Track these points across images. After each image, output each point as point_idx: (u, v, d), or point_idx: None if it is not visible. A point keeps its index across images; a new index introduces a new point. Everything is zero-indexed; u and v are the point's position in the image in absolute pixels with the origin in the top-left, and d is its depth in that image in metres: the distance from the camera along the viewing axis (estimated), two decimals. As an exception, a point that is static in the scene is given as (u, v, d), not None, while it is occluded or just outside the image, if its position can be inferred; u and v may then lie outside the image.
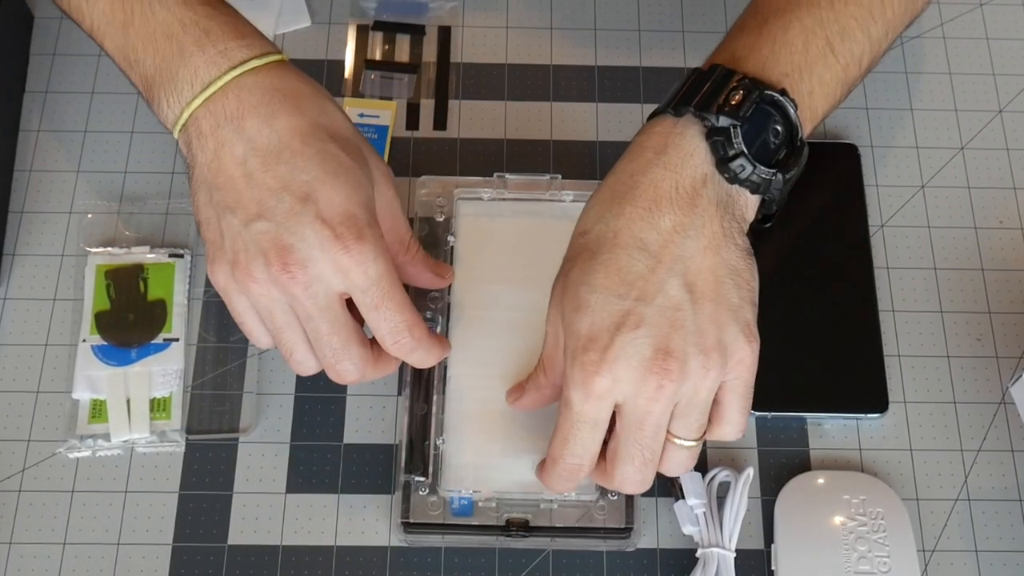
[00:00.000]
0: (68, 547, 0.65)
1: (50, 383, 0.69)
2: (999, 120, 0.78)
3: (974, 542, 0.65)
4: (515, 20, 0.81)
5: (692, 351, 0.54)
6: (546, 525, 0.63)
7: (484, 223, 0.70)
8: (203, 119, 0.56)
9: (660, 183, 0.55)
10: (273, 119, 0.56)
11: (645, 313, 0.54)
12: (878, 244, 0.73)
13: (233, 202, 0.55)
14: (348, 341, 0.57)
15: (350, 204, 0.55)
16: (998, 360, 0.70)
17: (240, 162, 0.55)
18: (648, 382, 0.54)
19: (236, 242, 0.55)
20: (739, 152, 0.55)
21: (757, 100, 0.56)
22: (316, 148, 0.56)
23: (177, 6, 0.57)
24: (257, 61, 0.57)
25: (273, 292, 0.56)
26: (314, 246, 0.54)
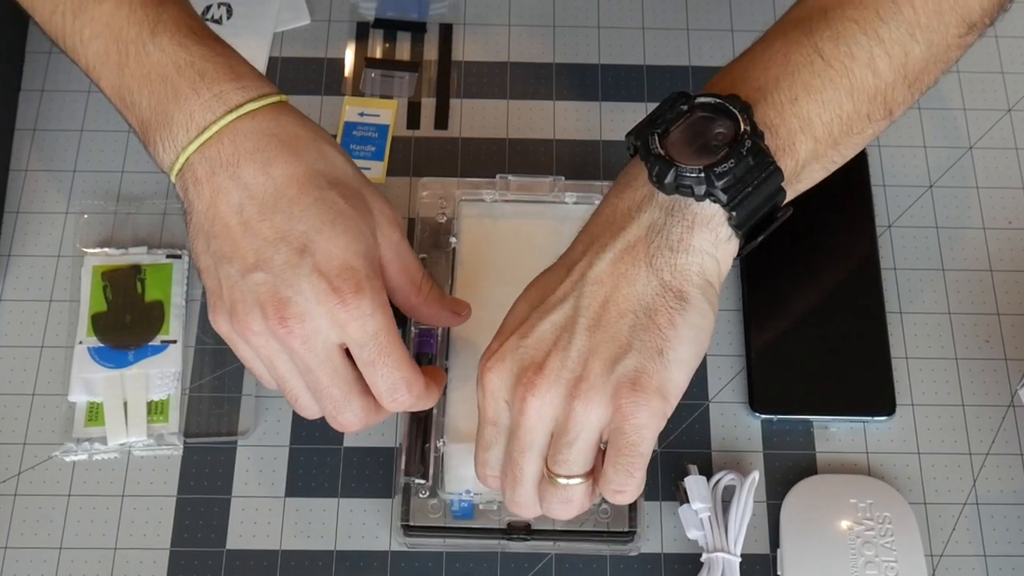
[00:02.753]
0: (64, 552, 0.65)
1: (46, 385, 0.69)
2: (1008, 119, 0.77)
3: (983, 547, 0.65)
4: (517, 18, 0.80)
5: (565, 376, 0.52)
6: (548, 528, 0.63)
7: (486, 225, 0.70)
8: (199, 165, 0.55)
9: (604, 209, 0.54)
10: (269, 166, 0.54)
11: (537, 324, 0.53)
12: (885, 245, 0.73)
13: (230, 252, 0.54)
14: (349, 392, 0.56)
15: (348, 255, 0.54)
16: (1007, 362, 0.70)
17: (236, 210, 0.54)
18: (517, 392, 0.52)
19: (234, 292, 0.54)
20: (658, 155, 0.52)
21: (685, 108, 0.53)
22: (314, 196, 0.54)
23: (172, 47, 0.56)
24: (253, 104, 0.55)
25: (272, 344, 0.55)
26: (311, 299, 0.53)
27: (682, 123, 0.53)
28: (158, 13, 0.57)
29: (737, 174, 0.51)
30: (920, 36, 0.56)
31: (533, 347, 0.52)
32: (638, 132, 0.54)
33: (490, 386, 0.53)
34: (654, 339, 0.51)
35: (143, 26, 0.57)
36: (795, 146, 0.54)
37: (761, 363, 0.69)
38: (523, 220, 0.70)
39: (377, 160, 0.76)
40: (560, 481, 0.53)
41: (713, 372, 0.69)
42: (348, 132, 0.76)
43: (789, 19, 0.57)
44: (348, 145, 0.76)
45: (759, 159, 0.52)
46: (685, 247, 0.52)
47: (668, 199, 0.52)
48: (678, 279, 0.52)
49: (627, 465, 0.52)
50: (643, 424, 0.51)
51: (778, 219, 0.54)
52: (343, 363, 0.56)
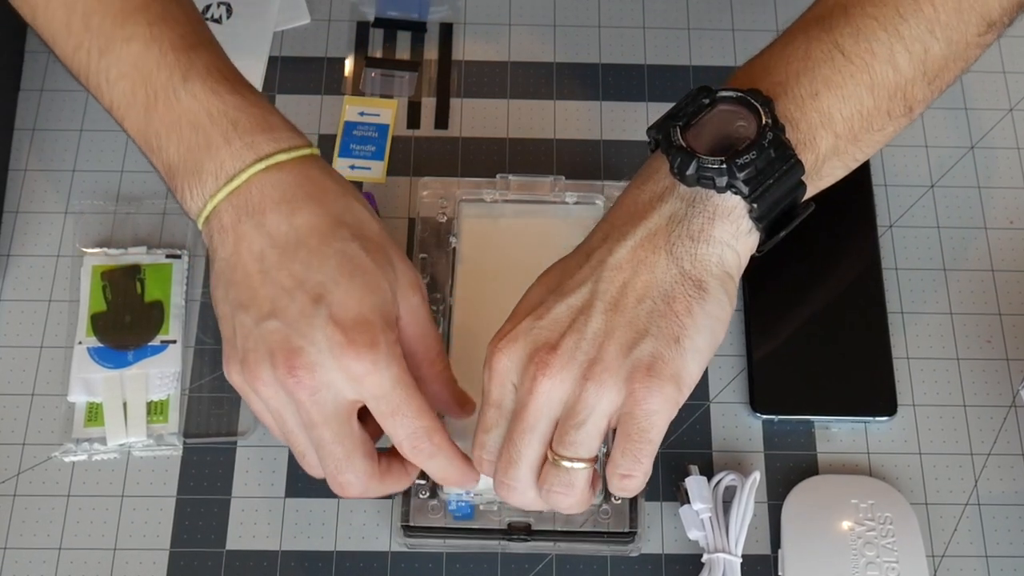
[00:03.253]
0: (64, 552, 0.65)
1: (45, 386, 0.68)
2: (1010, 119, 0.77)
3: (984, 547, 0.65)
4: (517, 17, 0.80)
5: (580, 358, 0.52)
6: (548, 529, 0.63)
7: (487, 225, 0.70)
8: (225, 213, 0.55)
9: (624, 200, 0.54)
10: (293, 216, 0.54)
11: (553, 306, 0.53)
12: (887, 245, 0.73)
13: (247, 300, 0.54)
14: (352, 452, 0.55)
15: (364, 308, 0.53)
16: (1008, 362, 0.70)
17: (258, 258, 0.54)
18: (528, 371, 0.52)
19: (247, 340, 0.54)
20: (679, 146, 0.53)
21: (702, 100, 0.54)
22: (335, 248, 0.54)
23: (205, 94, 0.56)
24: (284, 155, 0.55)
25: (281, 395, 0.54)
26: (324, 351, 0.52)
27: (704, 116, 0.53)
28: (190, 58, 0.56)
29: (759, 166, 0.51)
30: (940, 33, 0.56)
31: (548, 328, 0.52)
32: (659, 126, 0.54)
33: (499, 366, 0.53)
34: (671, 326, 0.51)
35: (174, 71, 0.56)
36: (815, 141, 0.54)
37: (762, 363, 0.69)
38: (523, 220, 0.70)
39: (377, 160, 0.75)
40: (564, 464, 0.53)
41: (714, 372, 0.69)
42: (348, 132, 0.76)
43: (809, 16, 0.57)
44: (348, 145, 0.76)
45: (780, 152, 0.52)
46: (706, 238, 0.52)
47: (689, 191, 0.53)
48: (698, 268, 0.52)
49: (636, 451, 0.52)
50: (655, 410, 0.51)
51: (799, 216, 0.54)
52: (349, 421, 0.55)
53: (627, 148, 0.76)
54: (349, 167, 0.75)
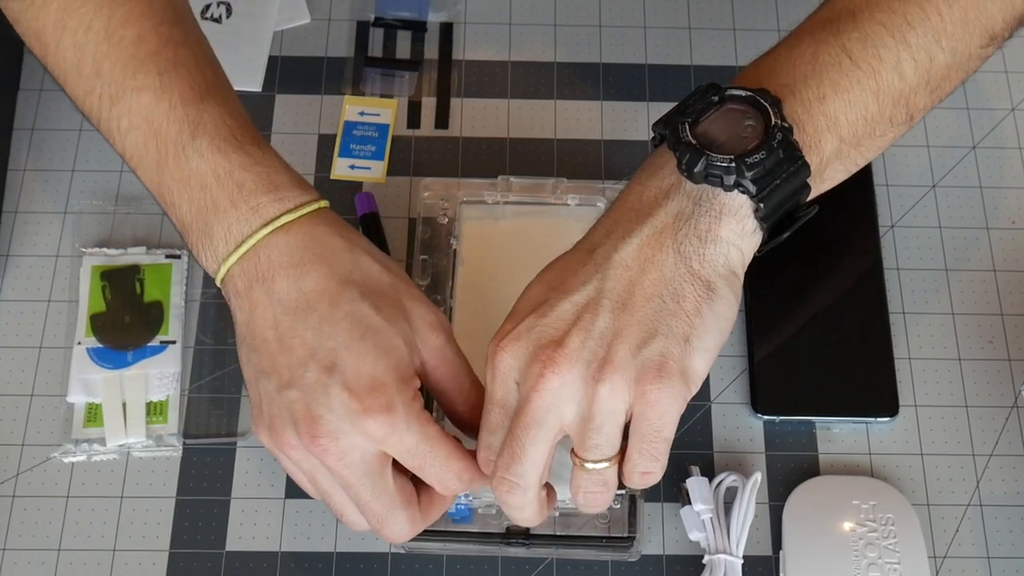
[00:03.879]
0: (63, 553, 0.64)
1: (44, 386, 0.68)
2: (1012, 118, 0.77)
3: (986, 548, 0.65)
4: (518, 17, 0.80)
5: (587, 356, 0.51)
6: (547, 533, 0.63)
7: (488, 226, 0.70)
8: (238, 278, 0.55)
9: (628, 196, 0.54)
10: (302, 280, 0.54)
11: (556, 304, 0.52)
12: (888, 245, 0.73)
13: (268, 367, 0.54)
14: (390, 505, 0.55)
15: (377, 371, 0.53)
16: (1010, 363, 0.70)
17: (272, 325, 0.54)
18: (533, 368, 0.52)
19: (272, 407, 0.54)
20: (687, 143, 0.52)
21: (709, 98, 0.54)
22: (344, 311, 0.54)
23: (211, 153, 0.55)
24: (289, 216, 0.55)
25: (311, 459, 0.55)
26: (343, 418, 0.53)
27: (712, 114, 0.53)
28: (199, 113, 0.56)
29: (767, 166, 0.51)
30: (945, 43, 0.56)
31: (552, 326, 0.52)
32: (667, 121, 0.54)
33: (502, 365, 0.53)
34: (681, 325, 0.51)
35: (183, 126, 0.56)
36: (821, 143, 0.54)
37: (763, 364, 0.68)
38: (524, 221, 0.70)
39: (377, 160, 0.75)
40: (591, 467, 0.53)
41: (715, 373, 0.69)
42: (348, 131, 0.76)
43: (816, 19, 0.57)
44: (348, 145, 0.76)
45: (788, 152, 0.52)
46: (713, 237, 0.52)
47: (696, 188, 0.52)
48: (706, 268, 0.52)
49: (653, 450, 0.52)
50: (667, 410, 0.51)
51: (802, 217, 0.54)
52: (383, 476, 0.55)
53: (628, 148, 0.76)
54: (349, 167, 0.75)
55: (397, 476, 0.55)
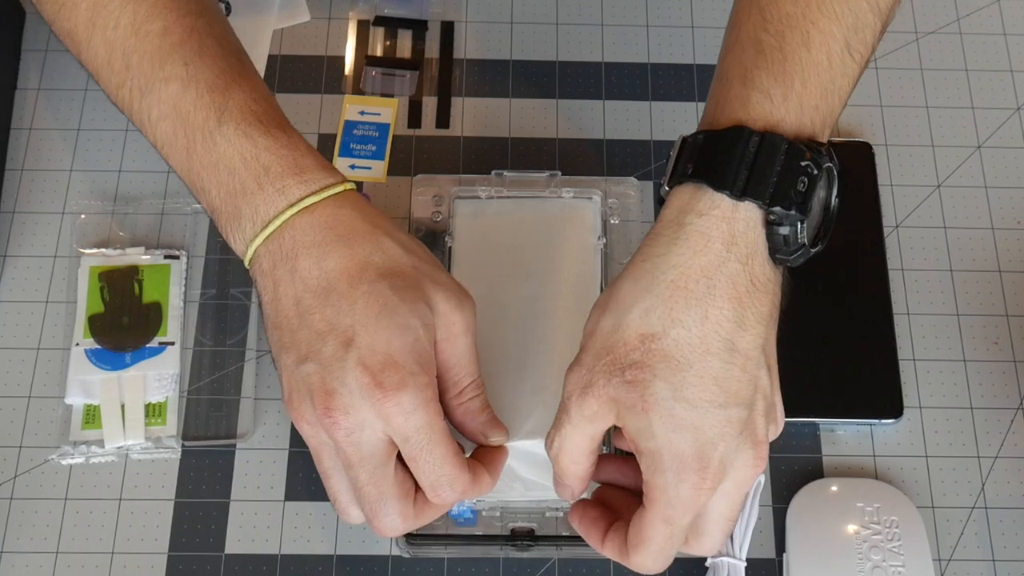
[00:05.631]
0: (61, 556, 0.64)
1: (42, 388, 0.68)
2: (1017, 117, 0.77)
3: (991, 551, 0.65)
4: (519, 15, 0.80)
5: (771, 428, 0.55)
6: (552, 534, 0.62)
7: (482, 222, 0.69)
8: (264, 258, 0.56)
9: (737, 279, 0.52)
10: (324, 260, 0.55)
11: (745, 417, 0.53)
12: (893, 245, 0.72)
13: (289, 342, 0.55)
14: (385, 494, 0.55)
15: (392, 349, 0.54)
16: (1016, 364, 0.70)
17: (294, 303, 0.55)
18: (754, 473, 0.54)
19: (292, 381, 0.55)
20: (802, 245, 0.53)
21: (818, 180, 0.53)
22: (362, 290, 0.55)
23: (238, 138, 0.56)
24: (314, 197, 0.56)
25: (321, 434, 0.55)
26: (355, 393, 0.53)
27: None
28: (225, 99, 0.57)
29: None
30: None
31: (753, 432, 0.54)
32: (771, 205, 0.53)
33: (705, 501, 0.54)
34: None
35: (210, 113, 0.57)
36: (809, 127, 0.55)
37: (767, 365, 0.68)
38: (519, 215, 0.69)
39: (378, 159, 0.75)
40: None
41: (718, 374, 0.69)
42: (348, 131, 0.76)
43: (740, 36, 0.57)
44: (348, 144, 0.75)
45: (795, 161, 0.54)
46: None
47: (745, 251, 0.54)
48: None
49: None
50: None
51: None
52: (386, 463, 0.55)
53: (630, 147, 0.75)
54: (349, 167, 0.75)
55: (399, 469, 0.56)
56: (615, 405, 0.53)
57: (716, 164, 0.53)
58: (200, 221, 0.72)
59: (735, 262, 0.52)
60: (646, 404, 0.52)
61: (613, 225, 0.69)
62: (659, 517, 0.53)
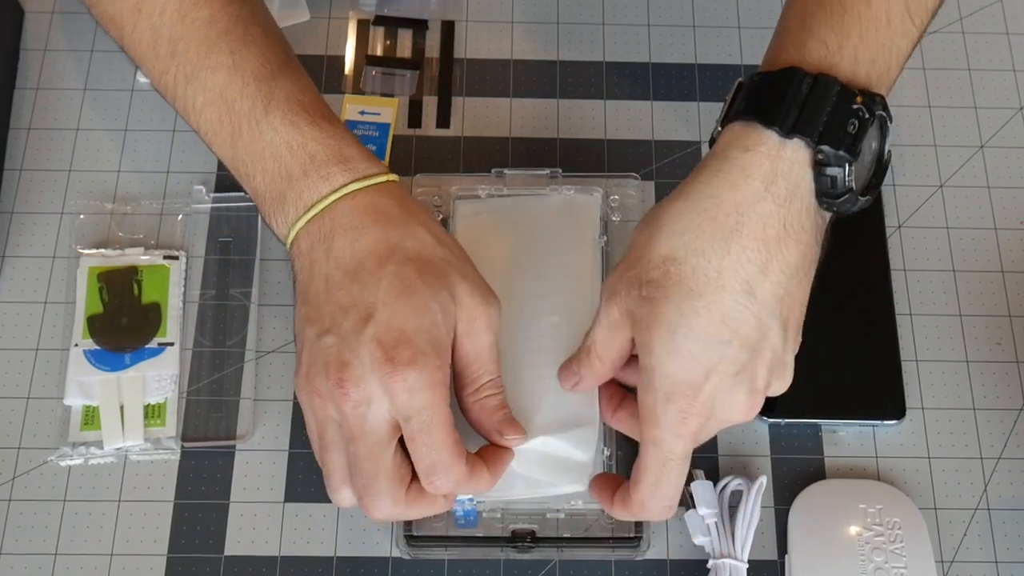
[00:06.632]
0: (60, 557, 0.64)
1: (41, 389, 0.68)
2: (1020, 117, 0.77)
3: (994, 552, 0.65)
4: (520, 15, 0.80)
5: (775, 383, 0.56)
6: (553, 535, 0.62)
7: (482, 221, 0.69)
8: (303, 240, 0.58)
9: (769, 221, 0.53)
10: (357, 241, 0.57)
11: (745, 360, 0.54)
12: (895, 245, 0.72)
13: (313, 316, 0.57)
14: (380, 474, 0.56)
15: (409, 329, 0.55)
16: (1019, 365, 0.69)
17: (324, 279, 0.57)
18: (741, 418, 0.56)
19: (311, 353, 0.56)
20: (849, 189, 0.54)
21: (869, 124, 0.54)
22: (389, 270, 0.56)
23: (285, 127, 0.58)
24: (357, 184, 0.58)
25: (328, 408, 0.56)
26: (367, 366, 0.54)
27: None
28: (271, 88, 0.59)
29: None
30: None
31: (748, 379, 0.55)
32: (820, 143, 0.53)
33: (693, 428, 0.55)
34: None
35: (256, 101, 0.58)
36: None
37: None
38: (520, 214, 0.69)
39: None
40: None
41: (720, 375, 0.68)
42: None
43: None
44: (348, 144, 0.75)
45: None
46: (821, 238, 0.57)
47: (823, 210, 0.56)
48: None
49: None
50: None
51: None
52: (387, 444, 0.55)
53: (632, 147, 0.75)
54: (349, 167, 0.74)
55: (399, 453, 0.56)
56: (630, 318, 0.55)
57: (767, 102, 0.54)
58: (199, 221, 0.72)
59: (771, 203, 0.53)
60: (650, 322, 0.53)
61: (614, 223, 0.69)
62: (649, 439, 0.55)
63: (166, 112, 0.75)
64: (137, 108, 0.75)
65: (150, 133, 0.75)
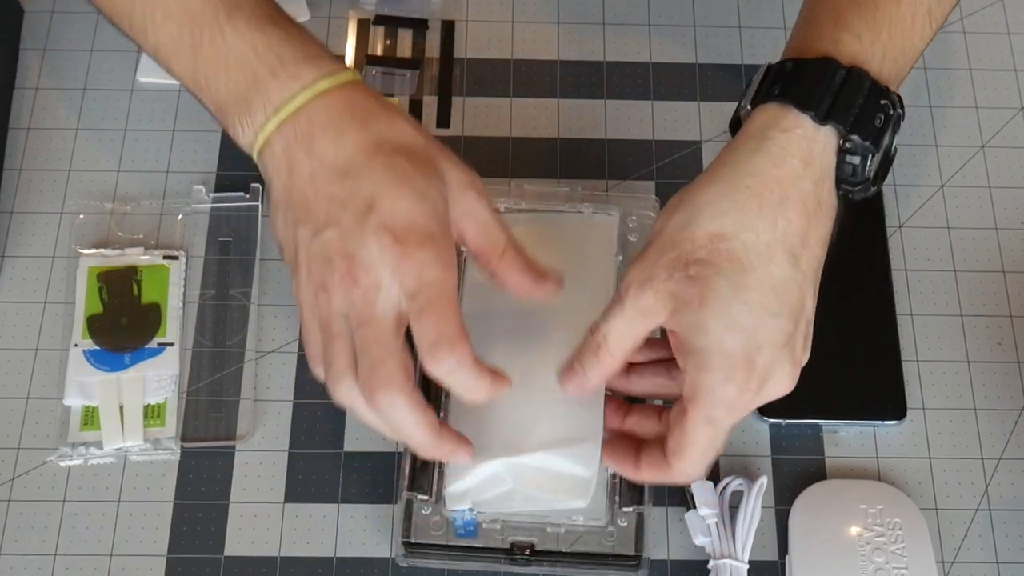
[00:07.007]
0: (59, 558, 0.64)
1: (41, 389, 0.68)
2: (1020, 117, 0.77)
3: (995, 553, 0.64)
4: (521, 14, 0.80)
5: (805, 356, 0.57)
6: (552, 550, 0.62)
7: None
8: (276, 142, 0.57)
9: (807, 197, 0.55)
10: (340, 137, 0.57)
11: (791, 331, 0.55)
12: (896, 245, 0.72)
13: (304, 216, 0.56)
14: (386, 356, 0.55)
15: (413, 213, 0.55)
16: (1019, 365, 0.69)
17: (310, 179, 0.56)
18: (783, 390, 0.56)
19: (309, 253, 0.56)
20: (867, 178, 0.56)
21: (892, 120, 0.57)
22: (380, 161, 0.56)
23: (249, 31, 0.58)
24: (327, 82, 0.57)
25: (335, 300, 0.56)
26: (376, 254, 0.55)
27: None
28: None
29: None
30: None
31: (793, 351, 0.56)
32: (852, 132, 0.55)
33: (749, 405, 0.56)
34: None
35: (219, 9, 0.58)
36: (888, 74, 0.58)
37: (769, 366, 0.68)
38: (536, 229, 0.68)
39: (378, 159, 0.74)
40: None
41: (720, 375, 0.68)
42: (348, 130, 0.75)
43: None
44: (348, 144, 0.75)
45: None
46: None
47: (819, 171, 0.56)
48: None
49: None
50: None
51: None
52: (395, 333, 0.56)
53: (632, 147, 0.75)
54: (349, 166, 0.74)
55: (406, 346, 0.56)
56: (672, 300, 0.55)
57: (804, 88, 0.56)
58: (199, 221, 0.72)
59: (808, 181, 0.55)
60: (704, 299, 0.53)
61: (631, 243, 0.69)
62: (702, 418, 0.55)
63: (166, 112, 0.75)
64: (137, 108, 0.75)
65: (150, 133, 0.75)
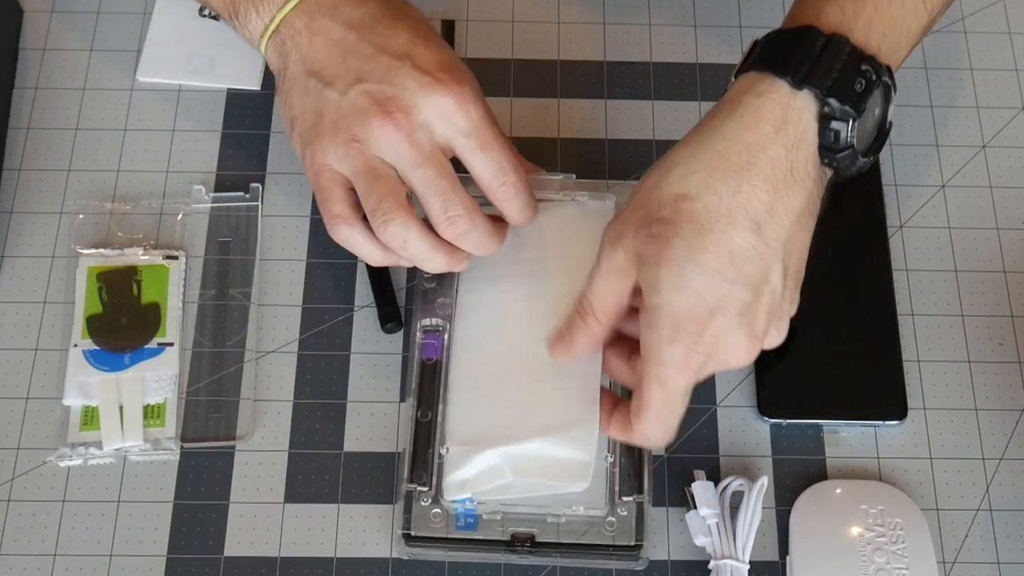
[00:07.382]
0: (59, 558, 0.64)
1: (40, 389, 0.68)
2: (1022, 117, 0.77)
3: (996, 553, 0.64)
4: (521, 14, 0.79)
5: (772, 331, 0.57)
6: (553, 541, 0.62)
7: None
8: (297, 19, 0.61)
9: (777, 163, 0.55)
10: (364, 4, 0.61)
11: (749, 301, 0.54)
12: (897, 245, 0.72)
13: (332, 76, 0.59)
14: (456, 184, 0.59)
15: (445, 57, 0.59)
16: (1021, 365, 0.69)
17: (337, 42, 0.60)
18: (738, 362, 0.56)
19: (338, 111, 0.59)
20: (850, 146, 0.56)
21: (875, 87, 0.56)
22: (405, 22, 0.61)
23: None
24: None
25: (371, 148, 0.58)
26: (415, 92, 0.58)
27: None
28: None
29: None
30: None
31: (750, 321, 0.55)
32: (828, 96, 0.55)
33: (695, 365, 0.55)
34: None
35: None
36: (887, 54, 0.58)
37: (770, 367, 0.68)
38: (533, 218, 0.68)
39: (378, 159, 0.74)
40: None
41: (721, 376, 0.68)
42: (348, 130, 0.75)
43: None
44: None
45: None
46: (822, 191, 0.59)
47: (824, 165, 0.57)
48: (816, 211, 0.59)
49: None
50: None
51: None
52: (446, 162, 0.59)
53: (632, 147, 0.75)
54: (349, 166, 0.74)
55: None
56: (638, 260, 0.55)
57: (781, 54, 0.56)
58: (199, 221, 0.72)
59: (779, 146, 0.55)
60: (661, 258, 0.54)
61: None
62: (653, 377, 0.55)
63: (166, 112, 0.75)
64: (136, 108, 0.75)
65: (149, 133, 0.74)
